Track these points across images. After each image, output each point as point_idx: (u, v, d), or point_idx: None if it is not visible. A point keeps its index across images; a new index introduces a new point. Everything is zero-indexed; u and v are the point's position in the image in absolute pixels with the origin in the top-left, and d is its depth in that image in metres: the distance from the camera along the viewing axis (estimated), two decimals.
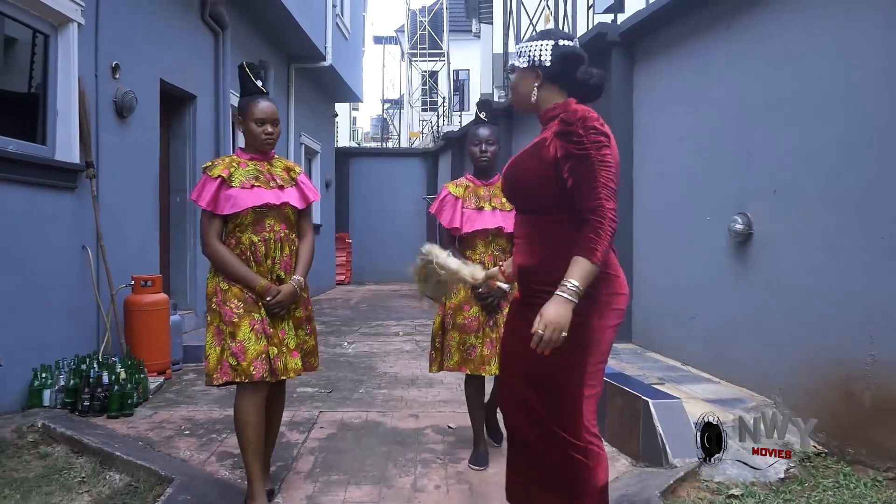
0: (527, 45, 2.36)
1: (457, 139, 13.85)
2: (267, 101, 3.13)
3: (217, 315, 3.00)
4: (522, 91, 2.39)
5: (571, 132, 2.19)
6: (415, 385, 5.57)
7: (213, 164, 3.09)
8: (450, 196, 3.74)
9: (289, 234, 3.13)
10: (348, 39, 13.17)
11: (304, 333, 3.22)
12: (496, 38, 20.41)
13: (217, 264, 3.03)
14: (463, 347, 3.57)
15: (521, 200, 2.44)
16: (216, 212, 3.01)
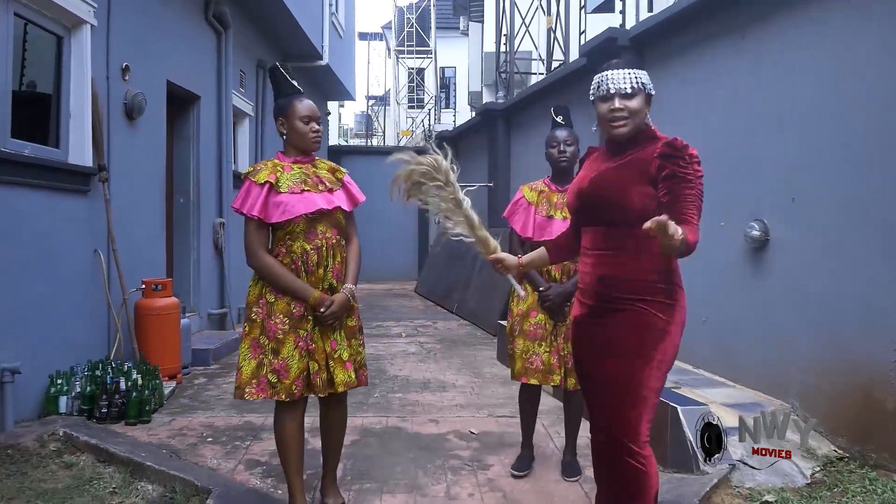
0: (644, 74, 2.44)
1: (451, 139, 13.85)
2: (308, 100, 3.01)
3: (258, 327, 2.88)
4: (642, 116, 2.43)
5: (679, 157, 2.28)
6: (428, 389, 5.57)
7: (255, 170, 2.91)
8: (523, 200, 3.71)
9: (340, 240, 3.00)
10: (342, 38, 13.11)
11: (358, 344, 3.06)
12: (487, 36, 20.44)
13: (266, 277, 2.89)
14: (526, 356, 3.54)
15: (612, 214, 2.44)
16: (266, 220, 2.84)
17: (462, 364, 6.64)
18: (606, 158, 2.51)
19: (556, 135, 3.66)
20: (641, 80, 2.41)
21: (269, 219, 2.85)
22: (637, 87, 2.39)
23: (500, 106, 10.11)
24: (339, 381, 2.93)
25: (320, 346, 2.91)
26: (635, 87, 2.39)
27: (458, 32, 27.27)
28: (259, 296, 2.90)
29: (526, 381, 3.55)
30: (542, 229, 3.59)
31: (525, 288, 3.59)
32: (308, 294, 2.85)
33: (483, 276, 9.68)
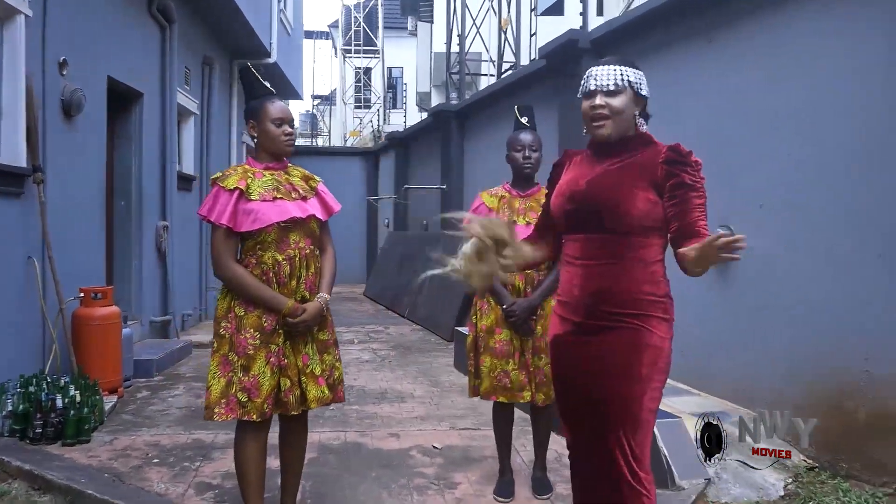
0: (634, 72, 2.28)
1: (402, 140, 13.66)
2: (281, 102, 2.89)
3: (227, 343, 2.72)
4: (628, 116, 2.28)
5: (685, 163, 2.17)
6: (385, 399, 5.37)
7: (225, 175, 2.77)
8: (483, 207, 3.54)
9: (314, 250, 2.86)
10: (291, 35, 12.80)
11: (333, 359, 2.92)
12: (436, 37, 20.31)
13: (236, 288, 2.72)
14: (494, 374, 3.37)
15: (608, 221, 2.27)
16: (236, 228, 2.70)
17: (418, 372, 6.46)
18: (594, 162, 2.36)
19: (521, 138, 3.48)
20: (628, 77, 2.24)
21: (238, 227, 2.70)
22: (622, 83, 2.23)
23: (453, 107, 9.95)
24: (312, 397, 2.79)
25: (293, 361, 2.77)
26: (619, 84, 2.23)
27: (406, 32, 27.14)
28: (228, 309, 2.75)
29: (496, 399, 3.39)
30: None
31: (488, 302, 3.43)
32: (281, 304, 2.70)
33: (435, 280, 9.48)
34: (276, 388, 2.72)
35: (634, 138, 2.28)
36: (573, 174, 2.45)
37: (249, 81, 2.90)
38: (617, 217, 2.23)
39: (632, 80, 2.24)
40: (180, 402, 5.16)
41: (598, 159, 2.35)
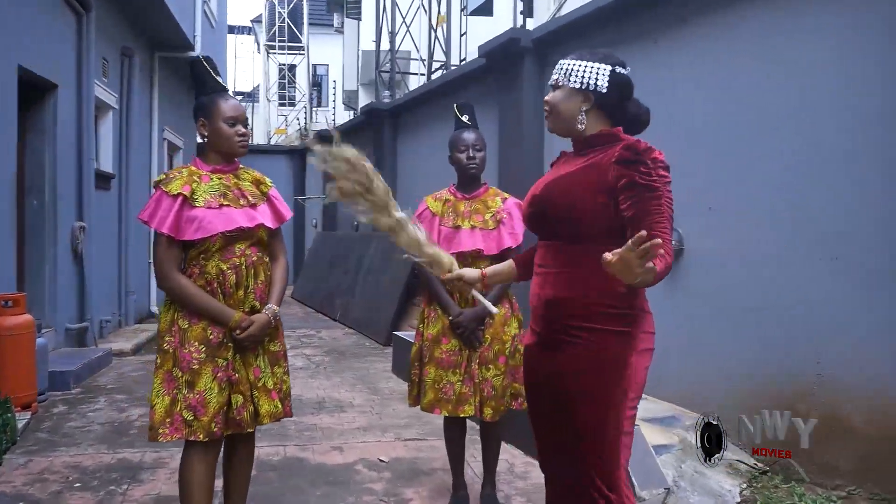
0: (580, 65, 2.11)
1: (330, 138, 13.32)
2: (234, 99, 2.72)
3: (171, 358, 2.53)
4: (565, 112, 2.14)
5: (639, 162, 1.99)
6: (324, 409, 5.14)
7: (168, 178, 2.58)
8: (427, 212, 3.36)
9: (262, 258, 2.69)
10: (214, 28, 12.32)
11: (283, 371, 2.75)
12: (365, 34, 20.01)
13: (179, 299, 2.55)
14: (438, 385, 3.18)
15: (560, 227, 2.16)
16: (178, 237, 2.52)
17: (356, 379, 6.24)
18: (568, 163, 2.24)
19: (464, 137, 3.34)
20: (570, 69, 2.11)
21: (181, 235, 2.52)
22: (560, 76, 2.13)
23: (385, 106, 9.75)
24: (265, 412, 2.62)
25: (244, 374, 2.59)
26: (557, 78, 2.14)
27: (332, 29, 26.71)
28: (171, 322, 2.57)
29: (438, 412, 3.21)
30: (448, 241, 3.27)
31: (435, 310, 3.27)
32: (227, 316, 2.53)
33: (368, 282, 9.30)
34: (225, 406, 2.54)
35: (600, 136, 2.12)
36: (546, 175, 2.33)
37: (200, 75, 2.69)
38: (567, 223, 2.11)
39: (572, 73, 2.10)
40: (102, 418, 4.80)
41: (573, 159, 2.23)
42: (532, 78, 5.99)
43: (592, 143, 2.14)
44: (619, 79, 2.11)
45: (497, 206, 3.33)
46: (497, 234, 3.28)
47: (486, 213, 3.30)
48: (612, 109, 2.14)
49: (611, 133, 2.12)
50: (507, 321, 3.25)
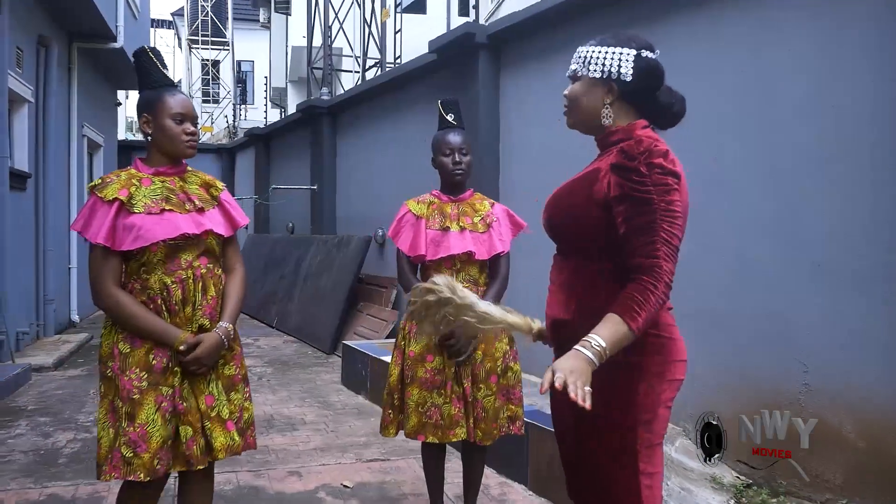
0: (600, 51, 1.85)
1: (262, 136, 12.83)
2: (182, 94, 2.43)
3: (113, 386, 2.24)
4: (587, 107, 1.88)
5: (631, 168, 1.73)
6: (274, 427, 4.77)
7: (103, 182, 2.30)
8: (409, 215, 3.07)
9: (213, 269, 2.39)
10: (138, 20, 11.63)
11: (242, 398, 2.43)
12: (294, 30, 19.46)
13: (118, 318, 2.26)
14: (422, 408, 2.89)
15: (561, 240, 1.94)
16: (114, 247, 2.25)
17: (304, 392, 5.87)
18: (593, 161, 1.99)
19: (450, 140, 3.05)
20: (586, 57, 1.86)
21: (117, 246, 2.25)
22: (578, 66, 1.88)
23: (325, 103, 9.34)
24: (220, 445, 2.30)
25: (193, 404, 2.29)
26: (575, 68, 1.89)
27: (258, 25, 26.01)
28: (113, 346, 2.28)
29: (424, 439, 2.92)
30: (436, 244, 2.99)
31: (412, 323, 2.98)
32: (171, 337, 2.25)
33: (308, 288, 8.89)
34: (171, 439, 2.23)
35: (614, 133, 1.87)
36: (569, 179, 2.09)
37: (145, 67, 2.40)
38: (565, 237, 1.89)
39: (592, 60, 1.85)
40: (24, 445, 4.31)
41: (595, 160, 1.98)
42: (487, 74, 5.75)
43: (609, 142, 1.89)
44: (645, 64, 1.84)
45: (485, 210, 3.08)
46: (488, 238, 3.02)
47: (474, 217, 3.03)
48: (641, 100, 1.89)
49: (626, 128, 1.86)
50: (498, 336, 2.99)
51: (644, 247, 1.69)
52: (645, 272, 1.68)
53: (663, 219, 1.70)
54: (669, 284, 1.70)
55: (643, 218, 1.70)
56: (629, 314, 1.66)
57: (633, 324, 1.65)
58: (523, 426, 3.05)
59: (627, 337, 1.66)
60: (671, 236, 1.70)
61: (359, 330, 7.56)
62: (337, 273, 8.20)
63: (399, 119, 7.57)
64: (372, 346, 6.00)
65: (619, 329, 1.65)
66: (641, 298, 1.67)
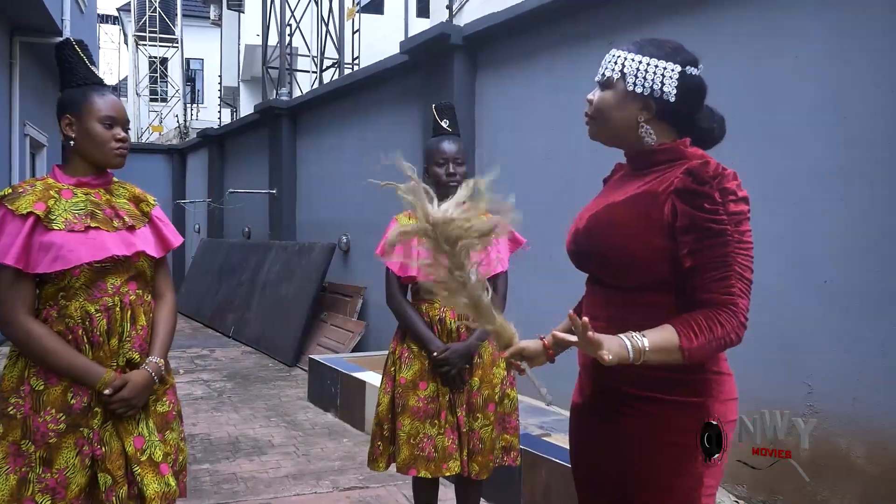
0: (641, 62, 1.63)
1: (216, 137, 12.38)
2: (113, 94, 2.14)
3: (18, 426, 1.96)
4: (619, 121, 1.67)
5: (703, 195, 1.53)
6: (240, 452, 4.46)
7: (16, 193, 2.00)
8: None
9: (142, 296, 2.13)
10: (84, 14, 11.10)
11: (177, 437, 2.17)
12: (247, 28, 18.96)
13: (30, 353, 1.98)
14: (414, 440, 2.65)
15: (607, 273, 1.71)
16: (28, 270, 1.96)
17: (268, 409, 5.55)
18: (623, 183, 1.77)
19: (444, 148, 2.80)
20: (625, 66, 1.63)
21: (32, 268, 1.97)
22: (613, 73, 1.65)
23: (285, 104, 9.00)
24: (153, 493, 2.01)
25: (115, 447, 2.01)
26: (609, 75, 1.66)
27: (208, 22, 25.36)
28: (20, 380, 2.00)
29: (415, 473, 2.68)
30: None
31: (410, 349, 2.75)
32: (93, 377, 1.99)
33: (267, 296, 8.54)
34: (87, 487, 1.99)
35: (660, 152, 1.66)
36: (595, 200, 1.87)
37: (69, 61, 2.12)
38: (613, 269, 1.68)
39: (631, 71, 1.63)
40: None
41: (628, 180, 1.76)
42: (462, 78, 5.53)
43: (650, 161, 1.68)
44: (690, 83, 1.64)
45: None
46: (486, 258, 2.78)
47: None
48: (678, 121, 1.68)
49: (674, 148, 1.65)
50: (496, 361, 2.77)
51: (717, 282, 1.52)
52: (720, 308, 1.51)
53: (738, 251, 1.53)
54: (744, 324, 1.53)
55: (716, 251, 1.52)
56: (686, 331, 1.49)
57: (685, 343, 1.49)
58: (518, 457, 2.84)
59: (673, 354, 1.50)
60: (745, 269, 1.53)
61: (323, 341, 7.25)
62: (299, 281, 7.87)
63: (365, 122, 7.29)
64: (340, 360, 5.72)
65: (670, 340, 1.49)
66: (706, 325, 1.50)
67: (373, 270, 7.19)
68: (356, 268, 7.60)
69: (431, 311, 2.76)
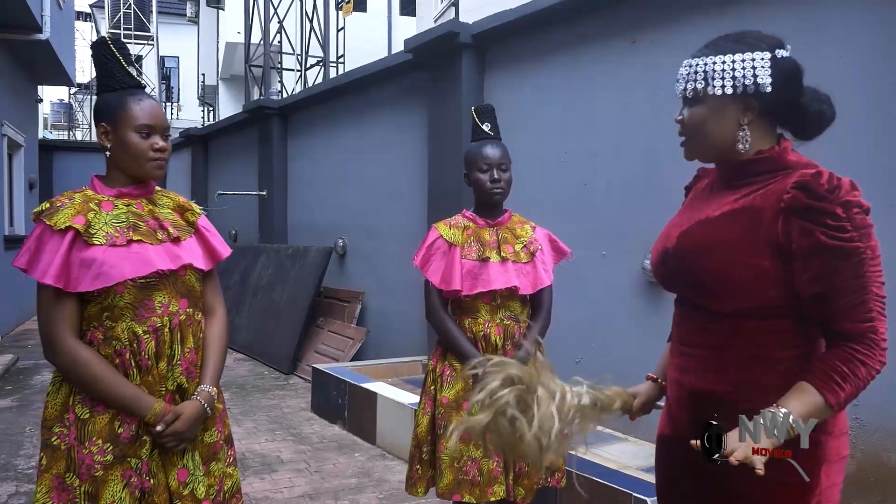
0: (724, 60, 1.47)
1: (200, 137, 12.09)
2: (151, 100, 1.96)
3: (62, 458, 1.83)
4: (719, 132, 1.51)
5: (824, 211, 1.37)
6: (249, 468, 4.25)
7: (54, 207, 1.86)
8: (441, 241, 2.64)
9: (192, 315, 1.98)
10: (63, 10, 10.76)
11: (223, 466, 2.03)
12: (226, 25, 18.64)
13: (77, 379, 1.84)
14: (458, 464, 2.48)
15: (704, 297, 1.54)
16: (69, 289, 1.82)
17: (271, 422, 5.34)
18: (714, 195, 1.61)
19: (487, 153, 2.63)
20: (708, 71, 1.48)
21: (74, 287, 1.83)
22: (697, 84, 1.50)
23: (275, 103, 8.76)
24: None
25: (161, 480, 1.89)
26: (694, 88, 1.50)
27: (184, 19, 24.97)
28: (64, 408, 1.87)
29: (460, 498, 2.51)
30: (474, 277, 2.58)
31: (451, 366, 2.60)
32: (144, 408, 1.85)
33: (259, 302, 8.30)
34: None
35: (758, 163, 1.50)
36: (681, 213, 1.71)
37: (105, 63, 1.95)
38: (712, 294, 1.51)
39: (716, 73, 1.47)
40: None
41: (720, 190, 1.60)
42: (470, 77, 5.35)
43: (747, 172, 1.52)
44: (785, 66, 1.47)
45: (528, 236, 2.69)
46: (533, 270, 2.62)
47: (516, 244, 2.64)
48: (784, 111, 1.52)
49: (775, 157, 1.49)
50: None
51: (853, 309, 1.37)
52: (856, 340, 1.37)
53: (872, 270, 1.38)
54: (885, 349, 1.39)
55: (848, 273, 1.37)
56: (829, 386, 1.35)
57: (832, 398, 1.35)
58: (563, 478, 2.69)
59: (823, 414, 1.37)
60: (880, 287, 1.39)
61: (321, 348, 7.05)
62: (294, 286, 7.65)
63: (363, 122, 7.09)
64: (345, 370, 5.52)
65: (815, 402, 1.35)
66: (847, 370, 1.36)
67: (371, 275, 7.01)
68: (354, 272, 7.40)
69: (475, 326, 2.60)
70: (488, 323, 2.58)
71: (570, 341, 4.57)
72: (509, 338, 2.60)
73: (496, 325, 2.59)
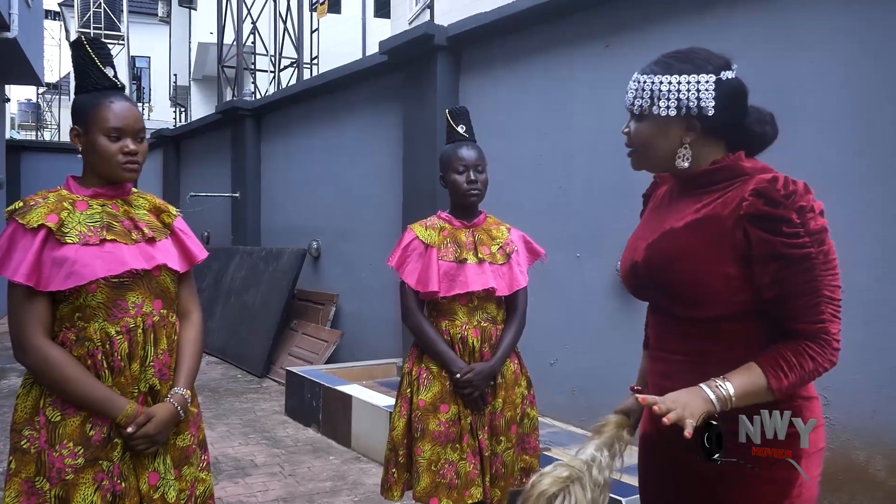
0: (670, 81, 1.50)
1: (172, 139, 11.96)
2: (124, 101, 1.92)
3: (32, 462, 1.80)
4: (662, 149, 1.56)
5: (779, 218, 1.42)
6: (223, 472, 4.21)
7: (27, 206, 1.85)
8: (417, 243, 2.62)
9: (167, 317, 1.97)
10: (31, 8, 10.58)
11: (195, 471, 2.01)
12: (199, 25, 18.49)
13: (47, 380, 1.82)
14: (435, 467, 2.47)
15: (677, 302, 1.57)
16: (40, 287, 1.80)
17: (245, 425, 5.30)
18: (673, 203, 1.64)
19: (463, 154, 2.63)
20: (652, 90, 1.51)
21: (45, 285, 1.81)
22: (644, 101, 1.54)
23: (249, 104, 8.69)
24: None
25: (132, 483, 1.87)
26: (641, 107, 1.54)
27: (156, 19, 24.74)
28: (34, 411, 1.84)
29: (437, 502, 2.49)
30: (451, 279, 2.57)
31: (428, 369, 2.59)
32: (116, 408, 1.83)
33: (232, 304, 8.23)
34: None
35: (716, 172, 1.54)
36: (644, 224, 1.75)
37: (81, 63, 1.93)
38: (685, 302, 1.55)
39: (661, 94, 1.50)
40: None
41: (679, 198, 1.63)
42: (446, 80, 5.36)
43: (704, 182, 1.56)
44: (728, 89, 1.51)
45: (504, 237, 2.69)
46: (509, 271, 2.63)
47: (492, 245, 2.64)
48: (727, 132, 1.56)
49: (730, 165, 1.53)
50: (518, 380, 2.64)
51: (806, 311, 1.44)
52: (809, 338, 1.44)
53: (824, 273, 1.43)
54: (837, 349, 1.46)
55: (802, 276, 1.43)
56: (774, 372, 1.43)
57: (774, 383, 1.43)
58: None
59: (762, 396, 1.44)
60: (833, 290, 1.45)
61: (294, 351, 7.00)
62: (267, 288, 7.59)
63: (338, 124, 7.06)
64: (319, 372, 5.50)
65: (755, 382, 1.43)
66: (795, 362, 1.44)
67: (345, 277, 6.98)
68: (328, 275, 7.36)
69: (452, 328, 2.59)
70: (465, 325, 2.58)
71: (544, 343, 4.58)
72: (486, 340, 2.60)
73: (473, 328, 2.58)
